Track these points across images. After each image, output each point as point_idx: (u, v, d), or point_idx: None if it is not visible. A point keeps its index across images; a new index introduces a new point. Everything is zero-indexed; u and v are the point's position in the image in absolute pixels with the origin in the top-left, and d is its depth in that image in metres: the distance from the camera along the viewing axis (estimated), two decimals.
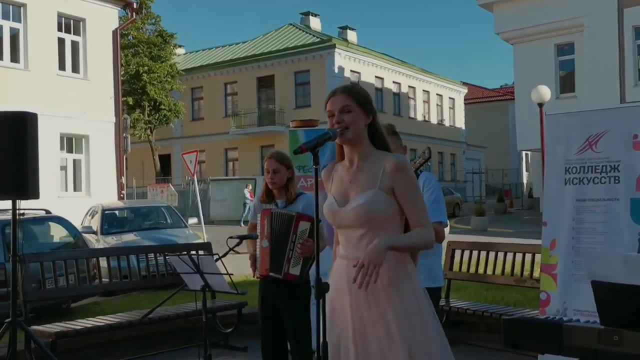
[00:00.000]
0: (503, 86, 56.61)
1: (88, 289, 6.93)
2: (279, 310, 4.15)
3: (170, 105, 34.85)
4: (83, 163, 19.25)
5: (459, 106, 46.90)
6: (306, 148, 2.59)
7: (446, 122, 45.03)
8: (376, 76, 37.92)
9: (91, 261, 6.73)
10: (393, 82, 39.57)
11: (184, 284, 4.32)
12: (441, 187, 3.97)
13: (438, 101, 44.32)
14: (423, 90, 42.52)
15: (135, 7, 23.45)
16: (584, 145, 4.72)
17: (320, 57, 35.37)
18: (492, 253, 6.70)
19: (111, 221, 12.49)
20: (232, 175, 35.91)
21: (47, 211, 9.18)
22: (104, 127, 19.42)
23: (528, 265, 6.53)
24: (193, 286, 4.21)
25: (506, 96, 48.82)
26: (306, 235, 4.04)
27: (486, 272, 6.74)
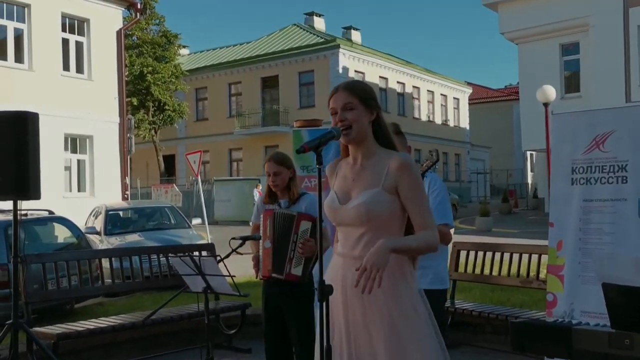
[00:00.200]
0: (508, 86, 56.44)
1: (90, 290, 6.88)
2: (282, 311, 4.12)
3: (174, 105, 34.88)
4: (87, 163, 19.25)
5: (464, 106, 46.79)
6: (309, 147, 2.54)
7: (450, 123, 44.93)
8: (380, 76, 37.86)
9: (94, 262, 6.68)
10: (397, 83, 39.51)
11: (186, 286, 4.29)
12: (446, 188, 3.92)
13: (442, 101, 44.22)
14: (427, 90, 42.44)
15: (139, 8, 23.44)
16: (591, 144, 4.67)
17: (324, 58, 35.34)
18: (498, 254, 6.65)
19: (115, 222, 12.48)
20: (237, 175, 35.91)
21: (50, 212, 9.16)
22: (108, 128, 19.41)
23: (534, 266, 6.47)
24: (195, 288, 4.17)
25: (511, 96, 48.67)
26: (308, 234, 4.00)
27: (492, 273, 6.68)
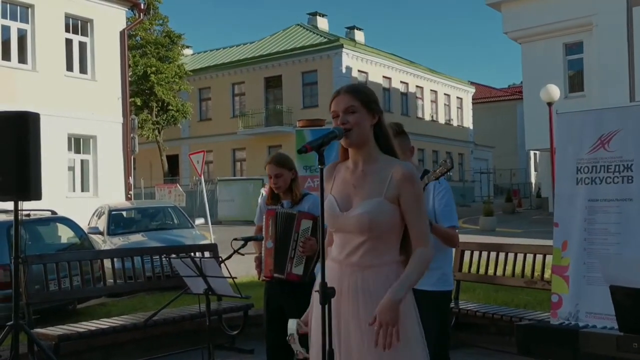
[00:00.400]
0: (511, 86, 56.34)
1: (92, 291, 6.83)
2: (284, 311, 4.08)
3: (178, 105, 34.88)
4: (91, 163, 19.25)
5: (467, 106, 46.70)
6: (311, 147, 2.50)
7: (454, 122, 44.85)
8: (384, 76, 37.81)
9: (95, 263, 6.65)
10: (401, 82, 39.45)
11: (187, 288, 4.25)
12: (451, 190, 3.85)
13: (446, 101, 44.15)
14: (431, 90, 42.37)
15: (142, 8, 23.46)
16: (596, 144, 4.63)
17: (327, 57, 35.30)
18: (502, 254, 6.59)
19: (118, 222, 12.46)
20: (240, 175, 35.90)
21: (53, 212, 9.14)
22: (112, 128, 19.42)
23: (539, 266, 6.42)
24: (196, 290, 4.13)
25: (514, 96, 48.60)
26: (308, 233, 3.97)
27: (496, 274, 6.62)
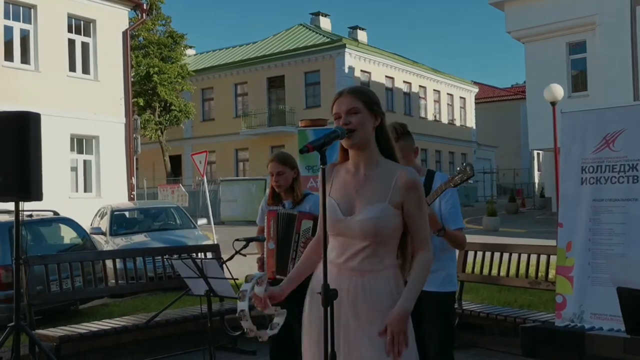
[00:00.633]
0: (514, 85, 56.27)
1: (94, 292, 6.80)
2: (287, 313, 4.05)
3: (180, 106, 34.88)
4: (93, 164, 19.24)
5: (470, 106, 46.64)
6: (312, 147, 2.47)
7: (457, 122, 44.79)
8: (386, 76, 37.77)
9: (97, 263, 6.62)
10: (403, 82, 39.40)
11: (188, 289, 4.22)
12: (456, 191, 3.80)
13: (449, 101, 44.09)
14: (434, 89, 42.32)
15: (145, 8, 23.46)
16: (601, 143, 4.59)
17: (330, 57, 35.27)
18: (506, 254, 6.55)
19: (120, 222, 12.44)
20: (243, 175, 35.86)
21: (55, 212, 9.12)
22: (114, 128, 19.41)
23: (543, 266, 6.38)
24: (197, 291, 4.09)
25: (517, 95, 48.51)
26: (309, 233, 3.95)
27: (500, 274, 6.59)
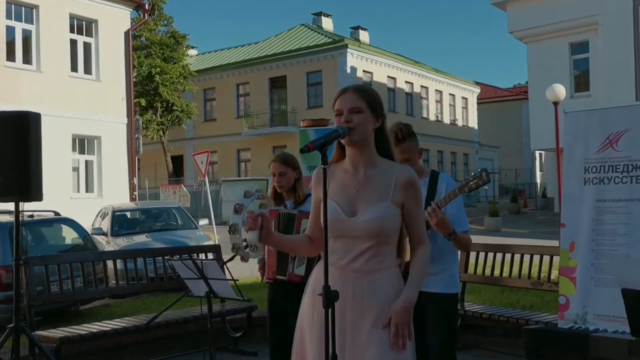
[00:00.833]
0: (516, 85, 56.19)
1: (94, 293, 6.78)
2: (288, 314, 4.04)
3: (182, 106, 34.86)
4: (95, 164, 19.24)
5: (472, 106, 46.57)
6: (313, 147, 2.44)
7: (459, 122, 44.74)
8: (388, 76, 37.73)
9: (98, 264, 6.60)
10: (405, 82, 39.36)
11: (188, 290, 4.19)
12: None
13: (451, 101, 44.04)
14: (436, 90, 42.27)
15: (147, 9, 23.47)
16: (604, 143, 4.56)
17: (332, 58, 35.24)
18: (508, 255, 6.52)
19: (121, 222, 12.42)
20: (245, 176, 35.83)
21: (56, 213, 9.11)
22: (116, 128, 19.40)
23: (545, 267, 6.35)
24: (197, 292, 4.06)
25: (519, 96, 48.43)
26: None
27: (502, 275, 6.55)
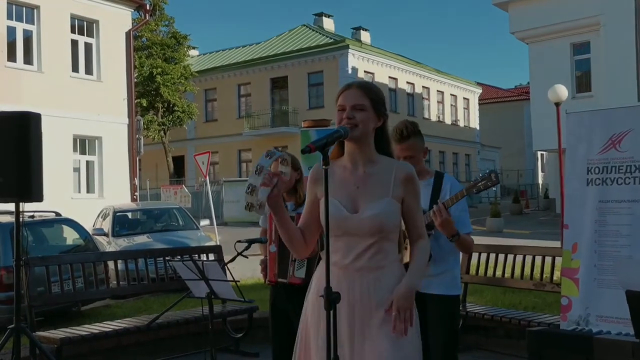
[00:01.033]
0: (518, 86, 56.14)
1: (95, 293, 6.76)
2: (289, 315, 4.02)
3: (183, 106, 34.86)
4: (96, 165, 19.23)
5: (474, 106, 46.54)
6: (315, 147, 2.42)
7: (460, 123, 44.71)
8: (390, 77, 37.71)
9: (99, 264, 6.59)
10: (407, 83, 39.35)
11: (189, 291, 4.17)
12: None
13: (452, 101, 44.02)
14: (437, 90, 42.25)
15: (148, 9, 23.45)
16: (607, 144, 4.54)
17: (333, 58, 35.23)
18: (510, 256, 6.50)
19: (122, 223, 12.42)
20: (246, 176, 35.75)
21: (57, 213, 9.10)
22: (117, 129, 19.40)
23: (547, 268, 6.33)
24: (198, 293, 4.05)
25: (521, 96, 48.38)
26: None
27: (504, 276, 6.53)
